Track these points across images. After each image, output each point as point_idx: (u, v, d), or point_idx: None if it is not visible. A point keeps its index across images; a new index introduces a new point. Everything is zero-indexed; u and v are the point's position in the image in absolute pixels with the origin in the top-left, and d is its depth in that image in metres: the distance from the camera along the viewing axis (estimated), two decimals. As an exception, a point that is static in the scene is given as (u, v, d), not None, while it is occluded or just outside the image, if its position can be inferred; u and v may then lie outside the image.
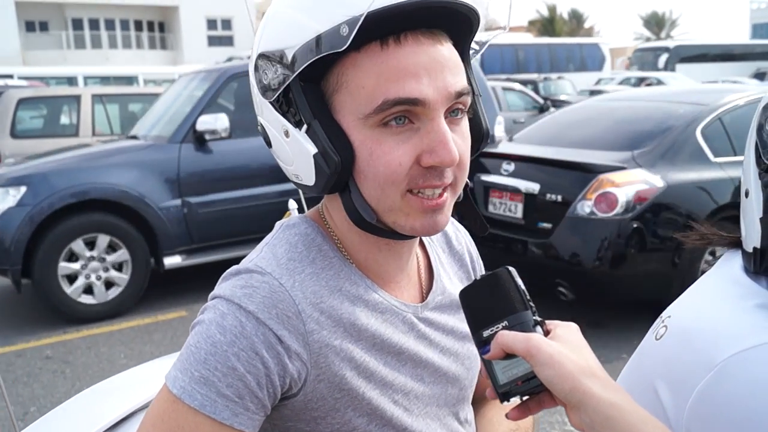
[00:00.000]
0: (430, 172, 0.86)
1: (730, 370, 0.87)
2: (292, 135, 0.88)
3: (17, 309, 5.95)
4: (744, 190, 1.03)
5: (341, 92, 0.85)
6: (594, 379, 0.76)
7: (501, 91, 12.93)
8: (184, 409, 0.81)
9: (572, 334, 0.83)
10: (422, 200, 0.87)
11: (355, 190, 0.87)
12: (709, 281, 1.08)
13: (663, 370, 1.00)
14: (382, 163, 0.84)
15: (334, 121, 0.86)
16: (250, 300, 0.85)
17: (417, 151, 0.84)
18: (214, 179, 6.02)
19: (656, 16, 63.56)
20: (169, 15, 37.42)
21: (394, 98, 0.82)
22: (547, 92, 18.39)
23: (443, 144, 0.84)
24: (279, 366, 0.84)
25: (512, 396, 0.81)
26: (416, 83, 0.82)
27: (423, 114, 0.84)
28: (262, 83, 0.89)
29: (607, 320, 5.04)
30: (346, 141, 0.85)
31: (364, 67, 0.83)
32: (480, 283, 0.86)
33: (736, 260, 1.05)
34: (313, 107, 0.85)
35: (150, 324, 5.41)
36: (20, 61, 30.06)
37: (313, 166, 0.86)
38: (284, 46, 0.85)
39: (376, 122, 0.84)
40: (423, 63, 0.83)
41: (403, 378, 0.97)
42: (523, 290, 0.83)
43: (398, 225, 0.89)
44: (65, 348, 5.00)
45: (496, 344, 0.80)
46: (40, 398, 4.16)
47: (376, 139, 0.84)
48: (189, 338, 0.86)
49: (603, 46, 26.95)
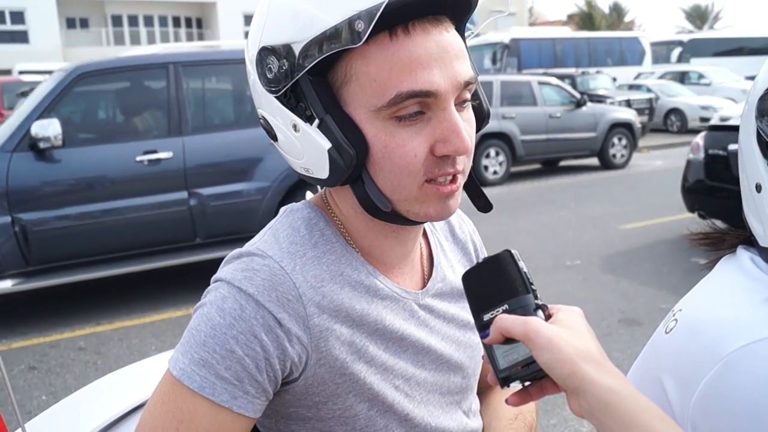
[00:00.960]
0: (444, 161, 0.86)
1: (736, 363, 0.86)
2: (303, 130, 0.87)
3: (53, 301, 6.03)
4: (754, 185, 0.99)
5: (350, 84, 0.84)
6: (593, 363, 0.75)
7: (537, 86, 12.81)
8: (183, 391, 0.82)
9: (574, 318, 0.81)
10: (438, 187, 0.87)
11: (369, 181, 0.87)
12: (720, 274, 1.06)
13: (670, 364, 0.99)
14: (398, 155, 0.84)
15: (346, 115, 0.85)
16: (251, 283, 0.85)
17: (430, 142, 0.85)
18: (56, 193, 5.32)
19: (699, 9, 62.52)
20: (207, 11, 37.80)
21: (408, 91, 0.81)
22: (585, 87, 18.15)
23: (456, 133, 0.84)
24: (278, 349, 0.84)
25: (512, 381, 0.80)
26: (428, 74, 0.82)
27: (434, 104, 0.84)
28: (266, 77, 0.87)
29: (642, 318, 4.96)
30: (359, 134, 0.84)
31: (374, 58, 0.82)
32: (482, 267, 0.85)
33: (745, 254, 1.03)
34: (325, 102, 0.84)
35: (182, 317, 5.45)
36: (60, 57, 30.62)
37: (327, 161, 0.85)
38: (291, 40, 0.83)
39: (388, 115, 0.83)
40: (433, 53, 0.82)
41: (404, 364, 0.97)
42: (525, 273, 0.83)
43: (412, 213, 0.90)
44: (98, 339, 5.06)
45: (494, 328, 0.80)
46: (72, 388, 4.19)
47: (390, 132, 0.84)
48: (191, 321, 0.87)
49: (643, 39, 26.51)
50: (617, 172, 13.11)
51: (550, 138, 12.65)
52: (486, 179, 11.84)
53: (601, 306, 5.37)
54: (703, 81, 22.87)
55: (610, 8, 58.55)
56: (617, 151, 13.51)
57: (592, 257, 6.91)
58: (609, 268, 6.54)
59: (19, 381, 4.40)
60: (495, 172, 12.06)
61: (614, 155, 13.48)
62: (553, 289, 5.84)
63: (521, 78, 13.69)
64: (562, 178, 12.79)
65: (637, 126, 13.76)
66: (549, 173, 13.46)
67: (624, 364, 4.18)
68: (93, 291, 6.25)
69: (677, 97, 20.21)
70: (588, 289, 5.89)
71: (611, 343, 4.52)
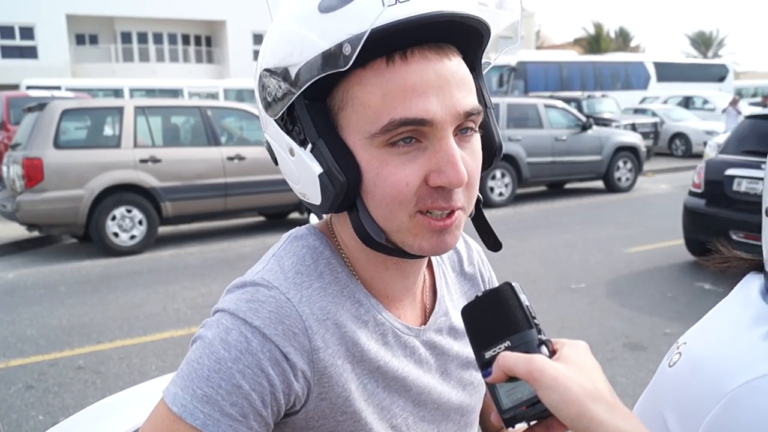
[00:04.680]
0: (439, 193, 0.83)
1: (740, 399, 0.84)
2: (297, 154, 0.85)
3: (52, 319, 6.00)
4: (765, 209, 0.99)
5: (347, 110, 0.82)
6: (601, 403, 0.71)
7: (543, 108, 12.87)
8: (185, 429, 0.78)
9: (580, 354, 0.78)
10: (430, 220, 0.84)
11: (362, 209, 0.85)
12: (726, 306, 1.04)
13: (672, 399, 0.97)
14: (389, 184, 0.82)
15: (340, 140, 0.83)
16: (256, 315, 0.82)
17: (425, 171, 0.82)
18: None
19: (703, 35, 62.78)
20: (216, 29, 37.99)
21: (401, 118, 0.79)
22: (591, 110, 18.20)
23: (452, 164, 0.81)
24: (284, 384, 0.82)
25: (518, 422, 0.77)
26: (423, 102, 0.79)
27: (431, 133, 0.81)
28: (267, 100, 0.87)
29: (645, 342, 4.91)
30: (352, 160, 0.82)
31: (370, 84, 0.80)
32: (481, 301, 0.82)
33: (755, 283, 1.01)
34: (318, 126, 0.83)
35: (183, 336, 5.41)
36: (69, 73, 30.82)
37: (319, 186, 0.83)
38: (288, 63, 0.82)
39: (382, 142, 0.81)
40: (430, 80, 0.80)
41: (403, 403, 0.95)
42: (527, 306, 0.79)
43: (406, 245, 0.87)
44: (98, 358, 5.02)
45: (497, 366, 0.76)
46: (70, 408, 4.16)
47: (383, 159, 0.82)
48: (189, 353, 0.83)
49: (648, 64, 26.61)
50: (622, 196, 13.09)
51: (556, 160, 12.66)
52: (492, 201, 11.83)
53: (606, 330, 5.32)
54: (708, 106, 22.90)
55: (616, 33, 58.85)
56: (622, 174, 13.51)
57: (597, 280, 6.87)
58: (614, 291, 6.50)
59: (16, 400, 4.35)
60: (501, 193, 12.05)
61: (619, 178, 13.49)
62: (557, 312, 5.80)
63: (528, 101, 13.74)
64: (568, 200, 12.77)
65: (642, 150, 13.79)
66: (554, 196, 13.44)
67: (628, 389, 4.14)
68: (94, 308, 6.23)
69: (682, 121, 20.28)
70: (592, 313, 5.84)
71: (616, 368, 4.47)
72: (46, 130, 8.29)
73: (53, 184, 8.20)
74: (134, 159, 8.70)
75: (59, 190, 8.24)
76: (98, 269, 7.98)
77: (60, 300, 6.61)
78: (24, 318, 6.05)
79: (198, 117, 9.54)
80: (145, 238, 8.85)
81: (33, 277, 7.69)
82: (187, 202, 9.10)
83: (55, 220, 8.41)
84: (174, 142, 9.47)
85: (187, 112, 9.92)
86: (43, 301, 6.61)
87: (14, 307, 6.41)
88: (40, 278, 7.59)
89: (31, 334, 5.59)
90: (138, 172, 8.71)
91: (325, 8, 0.80)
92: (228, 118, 10.22)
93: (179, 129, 9.80)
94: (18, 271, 8.04)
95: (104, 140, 8.98)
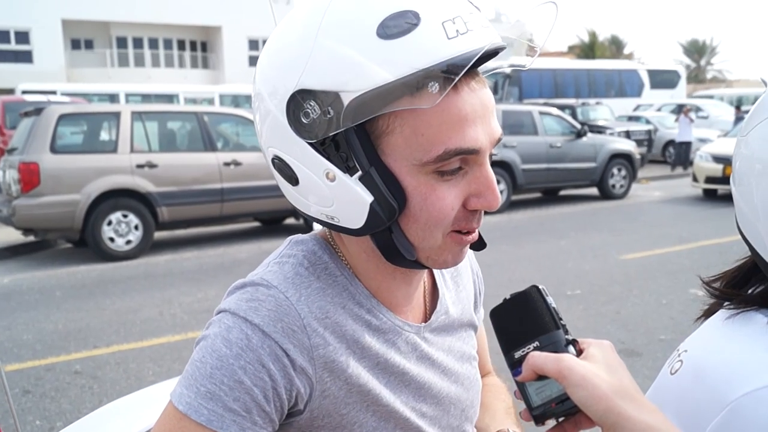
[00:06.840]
0: (473, 214, 0.87)
1: (743, 409, 0.85)
2: (340, 180, 0.83)
3: (48, 323, 6.00)
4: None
5: (393, 135, 0.81)
6: (629, 400, 0.75)
7: (538, 115, 12.92)
8: (190, 426, 0.80)
9: (606, 352, 0.81)
10: (462, 237, 0.89)
11: (398, 231, 0.86)
12: (726, 315, 1.04)
13: (674, 406, 0.98)
14: (437, 209, 0.84)
15: (386, 167, 0.83)
16: (256, 313, 0.84)
17: (465, 195, 0.85)
18: None
19: (696, 43, 63.03)
20: (211, 35, 37.97)
21: (456, 148, 0.81)
22: (585, 117, 18.28)
23: (492, 190, 0.85)
24: (285, 379, 0.84)
25: (547, 418, 0.80)
26: (474, 132, 0.82)
27: (473, 160, 0.84)
28: (301, 122, 0.81)
29: (641, 348, 4.93)
30: (399, 187, 0.83)
31: (423, 113, 0.79)
32: (509, 303, 0.85)
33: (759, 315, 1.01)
34: (369, 154, 0.82)
35: (180, 341, 5.41)
36: (64, 77, 30.75)
37: (366, 213, 0.84)
38: (340, 89, 0.78)
39: (432, 169, 0.82)
40: (477, 110, 0.82)
41: (404, 398, 0.97)
42: (553, 308, 0.83)
43: (431, 260, 0.90)
44: (94, 363, 5.02)
45: (527, 366, 0.79)
46: (67, 413, 4.17)
47: (431, 185, 0.83)
48: (194, 353, 0.85)
49: (641, 71, 26.72)
50: (616, 203, 13.13)
51: (551, 167, 12.70)
52: (486, 207, 11.83)
53: (601, 336, 5.23)
54: (701, 114, 23.00)
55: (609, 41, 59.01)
56: (617, 181, 13.56)
57: (592, 287, 6.90)
58: (609, 298, 6.52)
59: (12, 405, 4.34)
60: (495, 200, 12.06)
61: (614, 185, 13.53)
62: (552, 319, 5.80)
63: (523, 108, 13.79)
64: (562, 207, 12.81)
65: (636, 157, 13.83)
66: (549, 202, 13.48)
67: (624, 396, 4.14)
68: (90, 313, 6.23)
69: (675, 129, 20.34)
70: (588, 319, 5.87)
71: (611, 375, 4.44)
72: (42, 134, 8.31)
73: (49, 188, 8.22)
74: (131, 164, 8.72)
75: (55, 194, 8.26)
76: (94, 274, 7.98)
77: (56, 305, 6.62)
78: (20, 323, 6.06)
79: (194, 122, 9.56)
80: (141, 243, 8.87)
81: (29, 281, 7.69)
82: (183, 208, 9.12)
83: (51, 224, 8.43)
84: (170, 147, 9.49)
85: (183, 118, 9.94)
86: (39, 305, 6.61)
87: (10, 312, 6.41)
88: (35, 283, 7.60)
89: (28, 339, 5.59)
90: (134, 177, 8.74)
91: (385, 35, 0.77)
92: (224, 123, 10.23)
93: (176, 134, 9.81)
94: (13, 275, 8.04)
95: (101, 145, 9.00)
